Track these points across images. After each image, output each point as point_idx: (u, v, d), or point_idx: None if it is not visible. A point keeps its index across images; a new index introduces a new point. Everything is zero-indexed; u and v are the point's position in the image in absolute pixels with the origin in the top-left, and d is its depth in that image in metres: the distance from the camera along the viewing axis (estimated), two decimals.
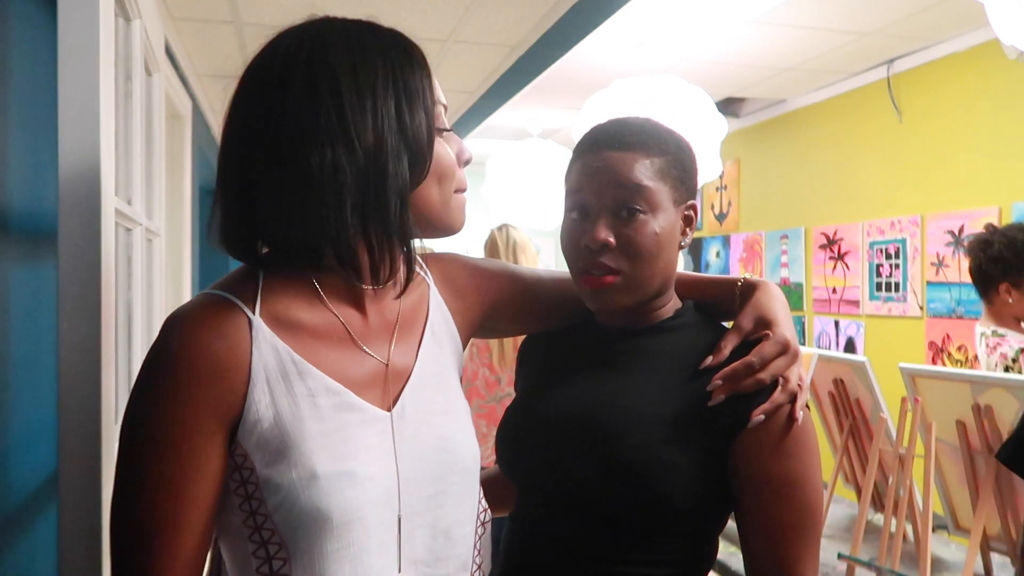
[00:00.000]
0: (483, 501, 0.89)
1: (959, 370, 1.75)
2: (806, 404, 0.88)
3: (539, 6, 2.51)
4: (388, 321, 0.85)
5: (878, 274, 3.66)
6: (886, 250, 3.61)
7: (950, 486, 1.81)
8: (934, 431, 1.68)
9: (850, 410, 2.03)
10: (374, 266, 0.78)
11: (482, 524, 0.89)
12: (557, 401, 0.95)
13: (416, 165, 0.78)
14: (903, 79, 3.52)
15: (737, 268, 4.74)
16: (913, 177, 3.48)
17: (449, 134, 0.84)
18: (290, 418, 0.74)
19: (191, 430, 0.71)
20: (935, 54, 3.33)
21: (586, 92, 3.33)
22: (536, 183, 4.15)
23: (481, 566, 0.89)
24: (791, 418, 0.85)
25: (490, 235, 2.88)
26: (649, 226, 0.89)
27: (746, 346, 0.89)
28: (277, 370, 0.75)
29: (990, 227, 2.24)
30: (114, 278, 1.13)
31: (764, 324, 0.90)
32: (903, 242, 3.51)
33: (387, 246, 0.78)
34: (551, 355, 1.03)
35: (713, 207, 5.00)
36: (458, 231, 0.88)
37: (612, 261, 0.89)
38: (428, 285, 0.93)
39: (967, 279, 3.14)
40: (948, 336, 3.28)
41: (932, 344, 3.35)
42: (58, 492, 0.98)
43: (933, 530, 1.92)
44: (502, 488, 1.05)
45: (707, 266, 5.07)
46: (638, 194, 0.89)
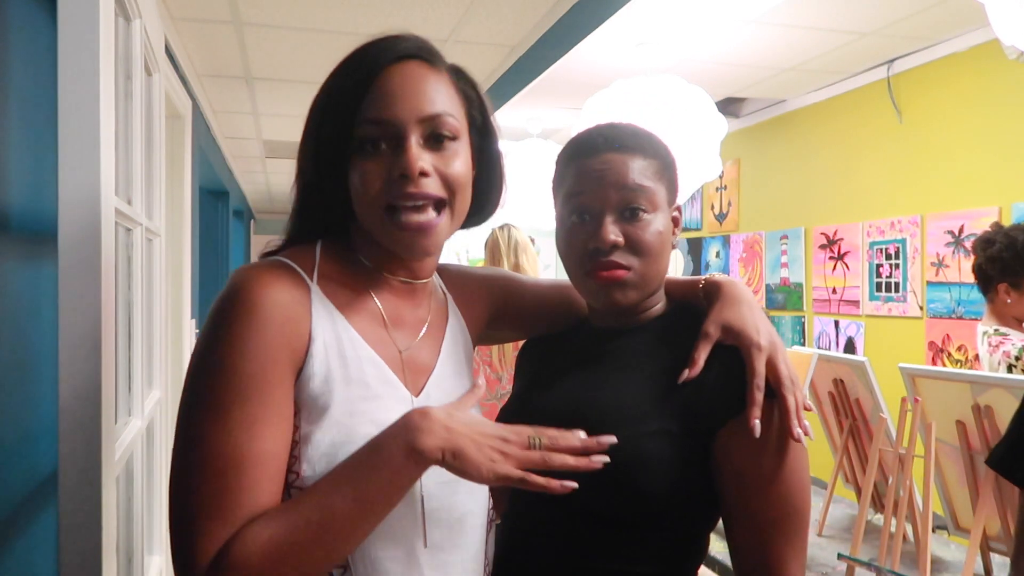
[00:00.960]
0: (491, 500, 0.92)
1: (959, 370, 1.75)
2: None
3: (539, 6, 2.51)
4: (419, 319, 0.91)
5: (878, 274, 3.66)
6: (886, 250, 3.61)
7: (950, 486, 1.81)
8: (934, 431, 1.67)
9: (850, 410, 2.03)
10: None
11: (490, 522, 0.92)
12: (546, 400, 0.97)
13: (324, 171, 0.84)
14: (903, 79, 3.52)
15: (737, 268, 4.74)
16: (913, 177, 3.48)
17: (388, 149, 0.81)
18: (339, 379, 0.79)
19: (269, 370, 0.75)
20: (935, 54, 3.33)
21: (586, 92, 3.33)
22: (536, 183, 4.15)
23: (488, 558, 0.92)
24: (786, 429, 0.85)
25: (492, 234, 2.88)
26: (653, 224, 0.91)
27: (718, 349, 0.89)
28: (332, 334, 0.80)
29: (995, 226, 2.24)
30: (114, 278, 1.13)
31: (730, 331, 0.90)
32: (903, 242, 3.51)
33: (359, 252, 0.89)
34: (546, 357, 1.05)
35: (713, 207, 5.00)
36: (410, 256, 0.86)
37: (622, 258, 0.90)
38: (447, 295, 0.99)
39: (967, 279, 3.15)
40: (948, 336, 3.28)
41: (932, 344, 3.35)
42: (58, 492, 0.98)
43: (933, 530, 1.92)
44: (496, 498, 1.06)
45: (707, 266, 5.07)
46: (641, 194, 0.91)
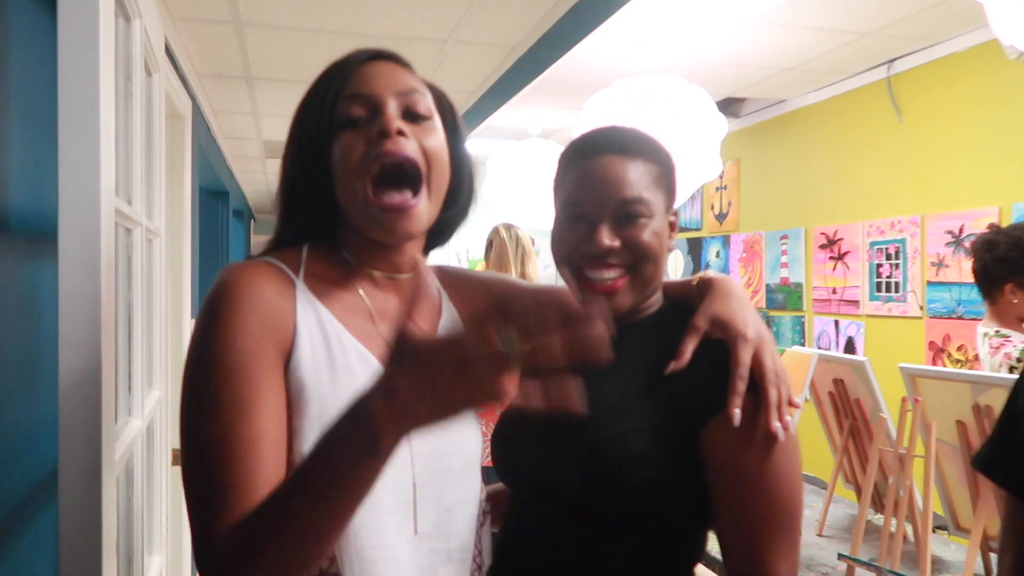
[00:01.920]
0: (484, 492, 0.93)
1: (959, 370, 1.75)
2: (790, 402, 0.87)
3: (539, 6, 2.51)
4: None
5: (878, 274, 3.66)
6: (886, 250, 3.61)
7: (950, 486, 1.81)
8: (934, 431, 1.67)
9: (850, 410, 2.03)
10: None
11: (483, 513, 0.93)
12: None
13: (309, 166, 0.87)
14: (903, 79, 3.52)
15: (737, 268, 4.74)
16: (913, 177, 3.48)
17: (367, 120, 0.84)
18: (325, 371, 0.81)
19: (257, 357, 0.77)
20: (935, 54, 3.33)
21: (586, 92, 3.33)
22: (536, 183, 4.15)
23: (482, 553, 0.93)
24: (768, 427, 0.84)
25: (495, 233, 2.85)
26: (649, 228, 0.92)
27: (706, 345, 0.90)
28: (318, 328, 0.82)
29: (994, 227, 2.24)
30: (114, 278, 1.13)
31: (718, 323, 0.90)
32: (903, 242, 3.51)
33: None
34: None
35: (713, 207, 5.00)
36: (388, 238, 0.86)
37: (618, 259, 0.91)
38: (441, 292, 1.00)
39: (967, 279, 3.15)
40: (948, 336, 3.28)
41: (932, 344, 3.35)
42: (58, 492, 0.98)
43: (933, 530, 1.92)
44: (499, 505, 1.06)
45: (707, 266, 5.06)
46: (639, 197, 0.91)
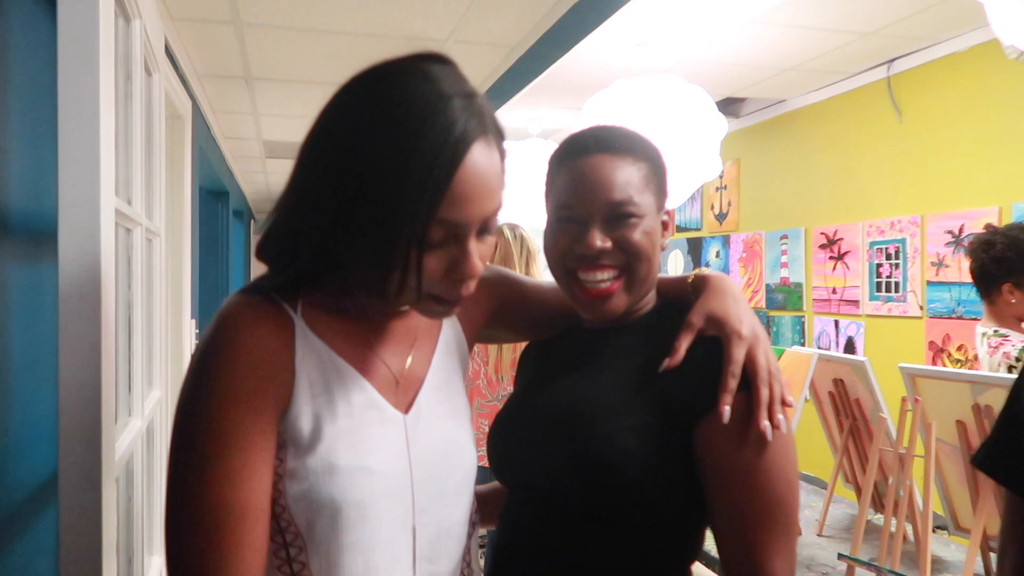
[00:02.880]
0: (474, 500, 0.93)
1: (959, 370, 1.75)
2: (783, 401, 0.86)
3: (539, 6, 2.51)
4: (409, 331, 0.90)
5: (878, 274, 3.66)
6: (886, 250, 3.61)
7: (950, 486, 1.81)
8: (934, 431, 1.67)
9: (850, 410, 2.03)
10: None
11: (471, 523, 0.92)
12: (538, 400, 0.97)
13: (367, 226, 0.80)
14: (903, 79, 3.52)
15: (737, 268, 4.74)
16: (913, 177, 3.48)
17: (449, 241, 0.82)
18: (325, 413, 0.78)
19: (252, 426, 0.73)
20: (935, 54, 3.33)
21: (586, 92, 3.33)
22: (536, 183, 4.15)
23: (471, 564, 0.92)
24: (757, 425, 0.83)
25: (499, 234, 2.84)
26: (640, 227, 0.92)
27: (700, 342, 0.89)
28: (317, 369, 0.79)
29: (990, 227, 2.24)
30: (114, 278, 1.13)
31: (713, 320, 0.90)
32: (903, 242, 3.51)
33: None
34: (542, 359, 1.06)
35: (713, 207, 5.00)
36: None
37: (611, 260, 0.91)
38: None
39: (967, 279, 3.14)
40: (948, 336, 3.28)
41: (932, 344, 3.35)
42: (58, 492, 0.98)
43: (933, 530, 1.92)
44: (495, 504, 1.06)
45: (707, 266, 5.06)
46: (630, 198, 0.91)
